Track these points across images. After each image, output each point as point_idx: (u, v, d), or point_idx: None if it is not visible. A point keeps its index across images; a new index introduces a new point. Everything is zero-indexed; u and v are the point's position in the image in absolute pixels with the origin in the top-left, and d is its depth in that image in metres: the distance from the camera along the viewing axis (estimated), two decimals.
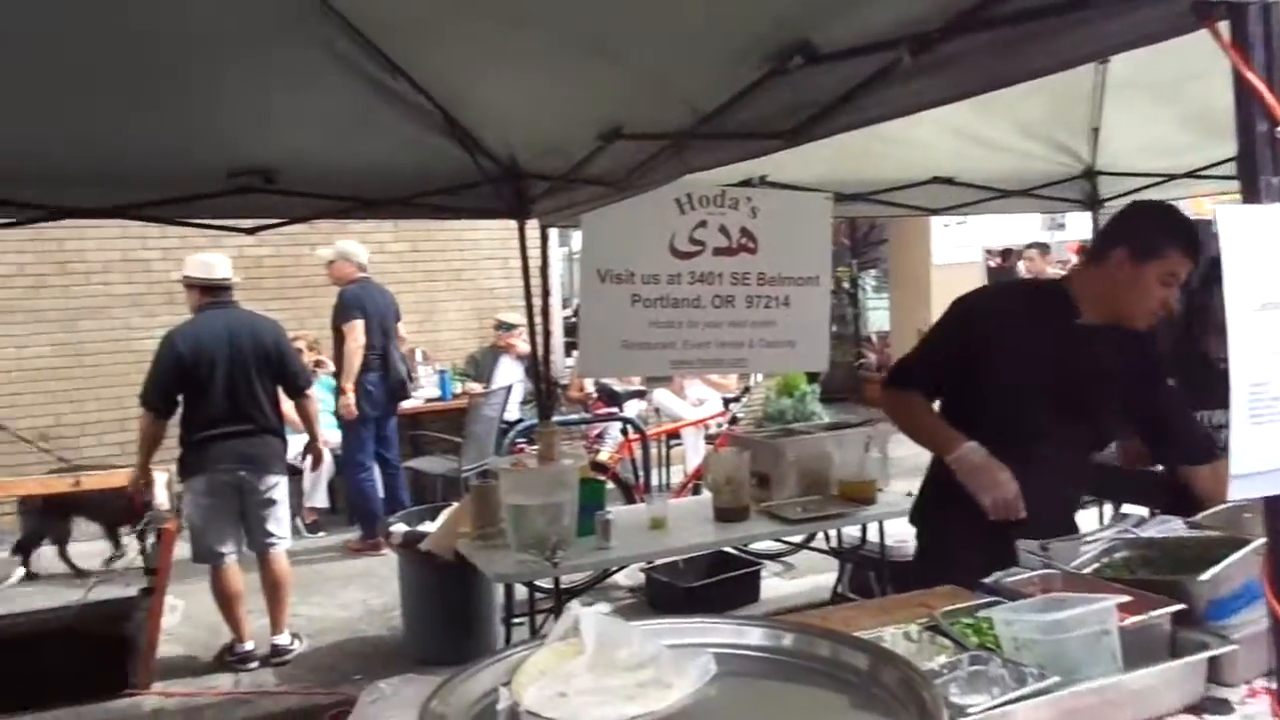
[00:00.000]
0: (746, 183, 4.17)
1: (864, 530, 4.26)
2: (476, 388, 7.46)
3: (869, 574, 4.49)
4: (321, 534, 6.72)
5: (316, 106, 3.05)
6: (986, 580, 1.84)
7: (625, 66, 2.41)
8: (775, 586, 5.17)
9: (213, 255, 4.65)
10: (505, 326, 7.85)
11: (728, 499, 3.63)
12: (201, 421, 4.31)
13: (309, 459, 5.16)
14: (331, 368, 7.09)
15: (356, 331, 6.21)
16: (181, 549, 4.40)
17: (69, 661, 4.17)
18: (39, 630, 4.38)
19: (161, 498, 4.50)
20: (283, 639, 4.48)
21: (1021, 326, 2.40)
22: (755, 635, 1.37)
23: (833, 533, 4.41)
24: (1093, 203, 4.78)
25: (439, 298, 8.37)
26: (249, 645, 4.42)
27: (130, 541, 5.62)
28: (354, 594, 5.34)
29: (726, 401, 6.95)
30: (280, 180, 3.32)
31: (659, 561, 4.72)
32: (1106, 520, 3.85)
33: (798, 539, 4.64)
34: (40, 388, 6.93)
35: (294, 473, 6.94)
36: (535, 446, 4.42)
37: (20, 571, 5.70)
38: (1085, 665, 1.41)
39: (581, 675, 1.22)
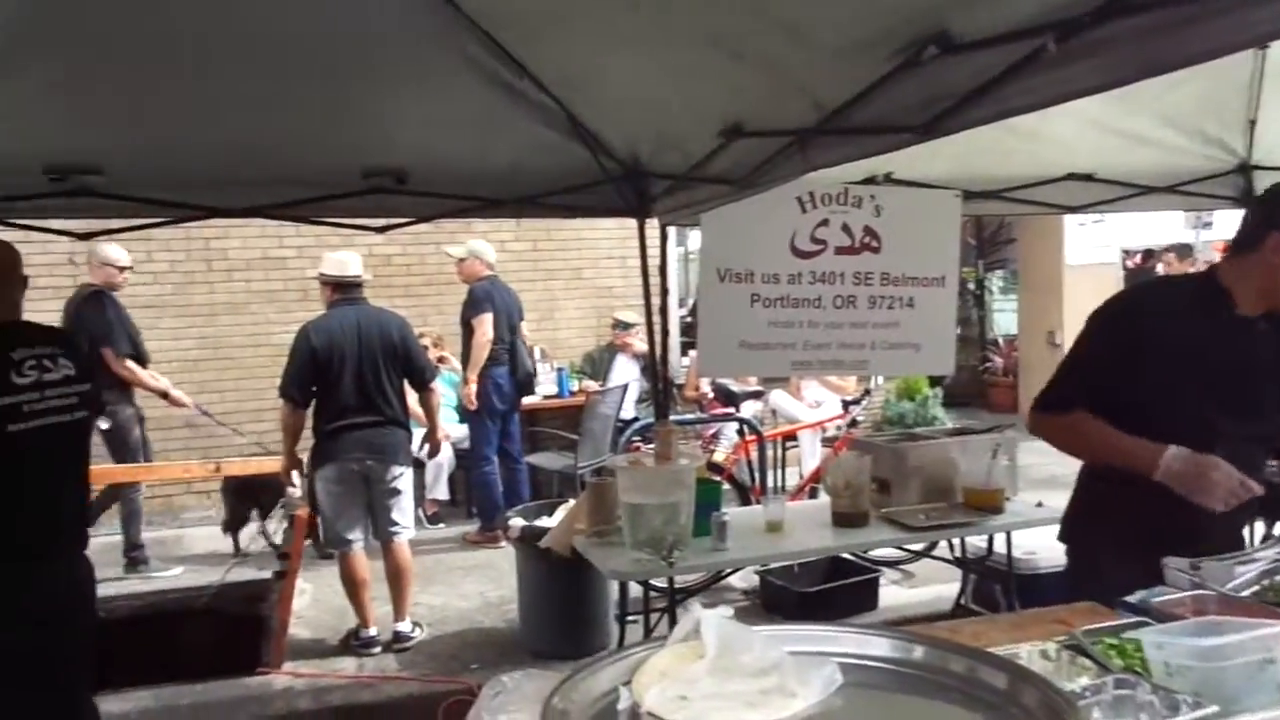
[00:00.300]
0: (870, 180, 4.07)
1: (990, 541, 4.10)
2: (593, 385, 7.53)
3: (994, 586, 4.32)
4: (441, 525, 6.90)
5: (446, 109, 3.13)
6: (1131, 599, 1.73)
7: (747, 62, 2.37)
8: (894, 595, 5.04)
9: (346, 253, 4.83)
10: (622, 325, 7.90)
11: (847, 504, 3.54)
12: (332, 412, 4.48)
13: (426, 449, 5.29)
14: (454, 363, 7.28)
15: (485, 325, 6.37)
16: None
17: (207, 638, 4.40)
18: (182, 608, 4.64)
19: (295, 485, 4.70)
20: (404, 626, 4.62)
21: (1178, 323, 2.24)
22: (883, 646, 1.32)
23: (956, 541, 4.26)
24: (1247, 199, 4.47)
25: (558, 296, 8.50)
26: (373, 631, 4.56)
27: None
28: (473, 585, 5.46)
29: (845, 404, 6.82)
30: (410, 181, 3.41)
31: (773, 564, 4.66)
32: (1258, 540, 3.59)
33: (918, 547, 4.51)
34: (190, 379, 7.34)
35: (418, 465, 7.19)
36: (651, 445, 4.42)
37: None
38: (1246, 695, 1.30)
39: (703, 679, 1.19)
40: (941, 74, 1.92)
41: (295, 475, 4.78)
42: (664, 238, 3.98)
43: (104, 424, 5.36)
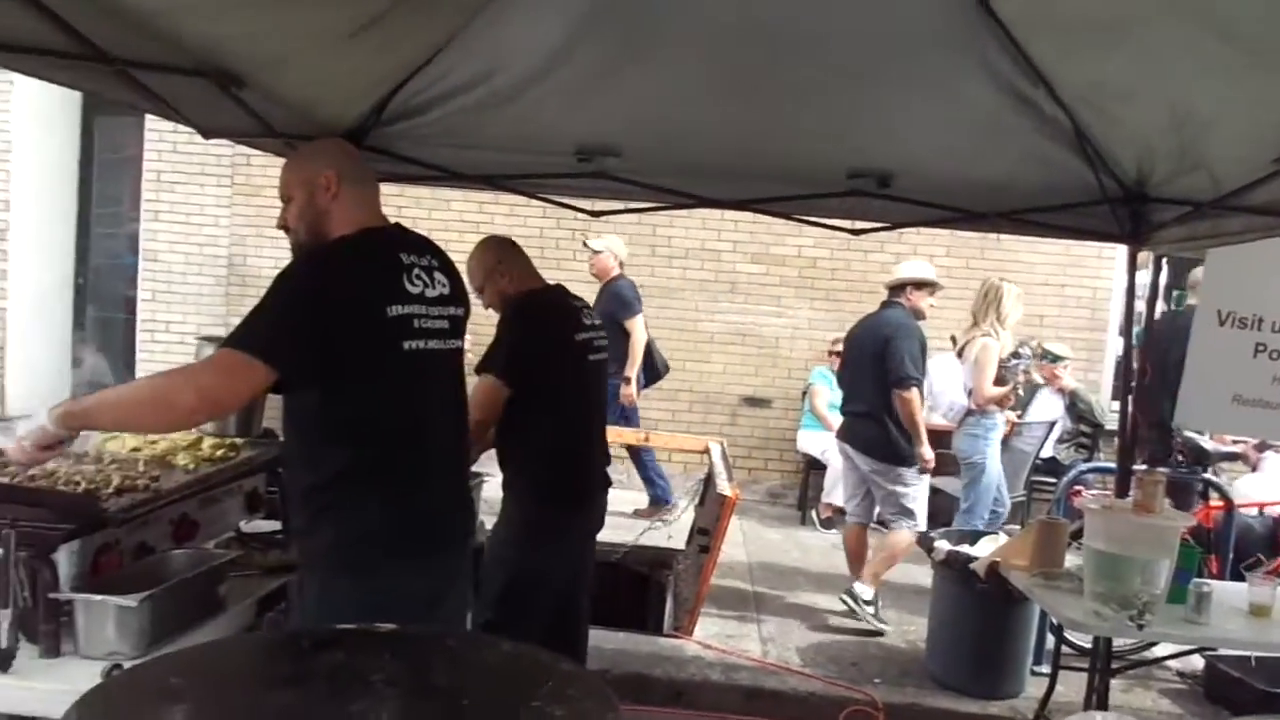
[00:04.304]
0: None
1: None
2: (1010, 416, 7.09)
3: None
4: (834, 531, 6.88)
5: (947, 113, 3.07)
6: None
7: None
8: None
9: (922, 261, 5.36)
10: (1050, 357, 7.34)
11: None
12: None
13: None
14: None
15: (640, 325, 6.56)
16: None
17: (617, 593, 4.75)
18: (599, 560, 5.05)
19: (720, 468, 4.91)
20: (864, 590, 4.83)
21: None
22: None
23: None
24: None
25: None
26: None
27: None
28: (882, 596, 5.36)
29: None
30: (893, 185, 3.40)
31: (1223, 650, 4.07)
32: None
33: None
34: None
35: (815, 466, 7.25)
36: (1096, 491, 4.06)
37: None
38: None
39: None
40: None
41: (719, 458, 5.00)
42: (1157, 269, 3.62)
43: None
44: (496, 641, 1.82)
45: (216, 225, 7.96)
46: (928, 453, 4.82)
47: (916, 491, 4.89)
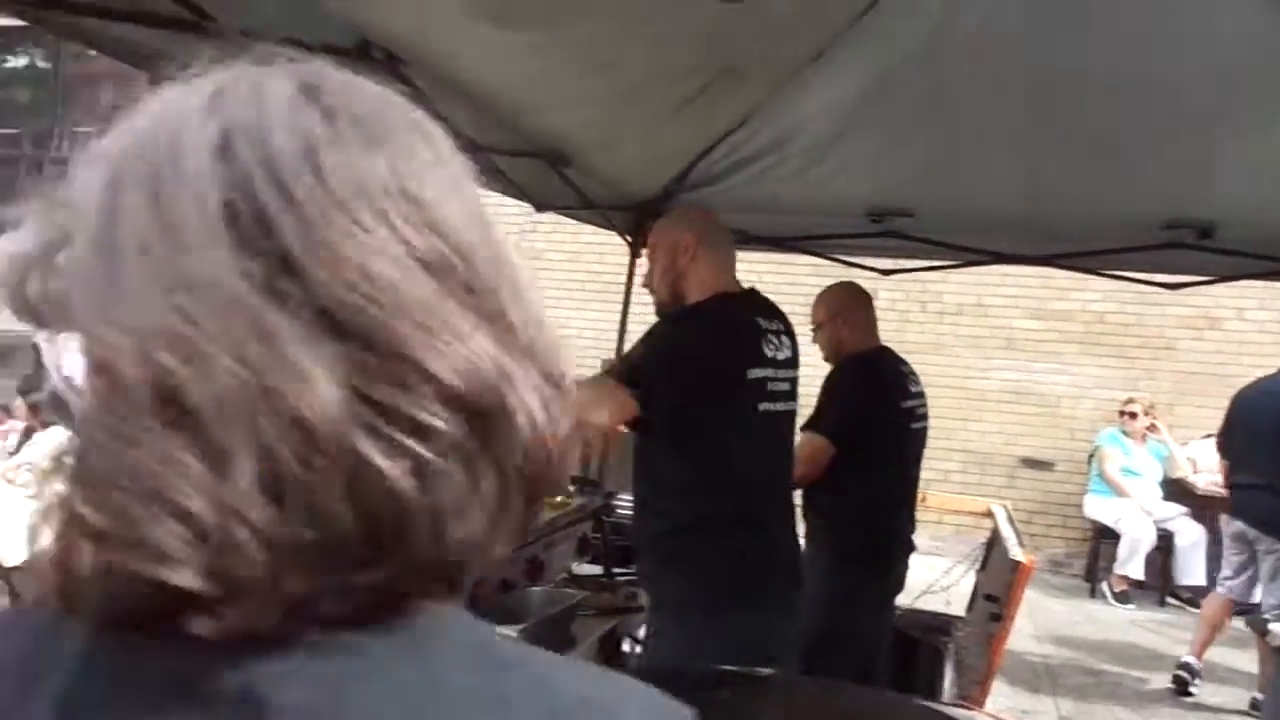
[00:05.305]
0: None
1: None
2: None
3: None
4: (1131, 606, 6.35)
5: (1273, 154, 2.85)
6: None
7: None
8: None
9: None
10: None
11: None
12: None
13: None
14: (1164, 433, 6.67)
15: None
16: None
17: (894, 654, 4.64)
18: None
19: (1006, 531, 4.71)
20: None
21: None
22: None
23: None
24: None
25: None
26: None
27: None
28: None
29: None
30: (1216, 235, 3.19)
31: None
32: None
33: None
34: None
35: (1106, 534, 6.72)
36: None
37: None
38: None
39: None
40: None
41: (1004, 522, 4.79)
42: None
43: None
44: (859, 689, 1.85)
45: None
46: None
47: None
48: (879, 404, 2.92)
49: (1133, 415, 6.69)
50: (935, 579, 5.89)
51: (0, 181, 9.63)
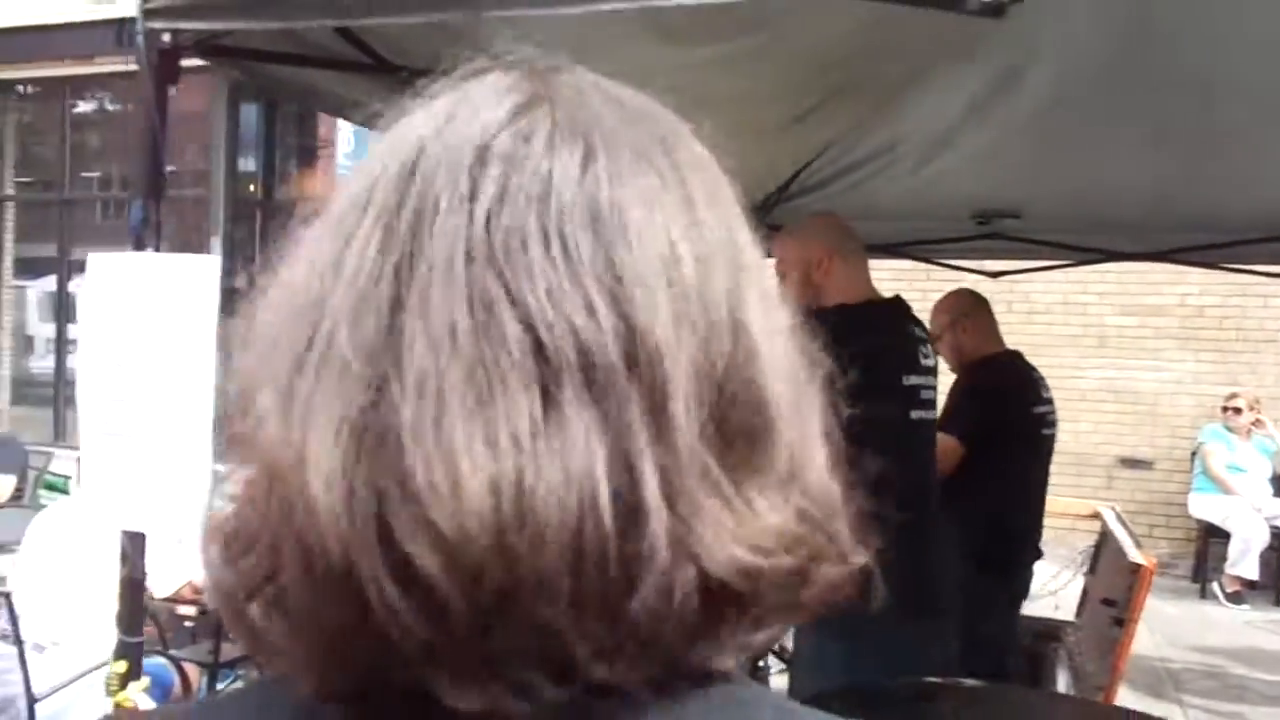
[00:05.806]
0: None
1: None
2: None
3: None
4: (1245, 606, 6.17)
5: None
6: None
7: None
8: None
9: None
10: None
11: None
12: None
13: None
14: (1270, 428, 6.49)
15: None
16: None
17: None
18: None
19: (1119, 533, 4.62)
20: None
21: None
22: None
23: None
24: None
25: None
26: None
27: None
28: None
29: None
30: None
31: None
32: None
33: None
34: None
35: (1215, 534, 6.54)
36: None
37: None
38: None
39: None
40: None
41: (1115, 522, 4.71)
42: None
43: None
44: (1044, 694, 1.83)
45: None
46: None
47: None
48: (1013, 407, 2.92)
49: (1237, 410, 6.52)
50: (1043, 583, 5.81)
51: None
